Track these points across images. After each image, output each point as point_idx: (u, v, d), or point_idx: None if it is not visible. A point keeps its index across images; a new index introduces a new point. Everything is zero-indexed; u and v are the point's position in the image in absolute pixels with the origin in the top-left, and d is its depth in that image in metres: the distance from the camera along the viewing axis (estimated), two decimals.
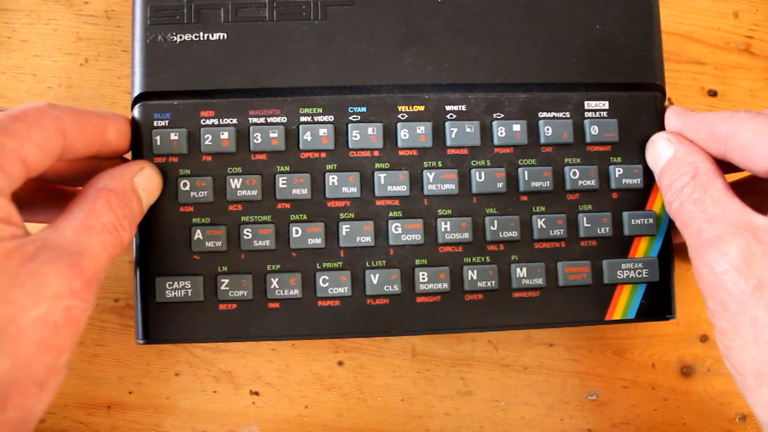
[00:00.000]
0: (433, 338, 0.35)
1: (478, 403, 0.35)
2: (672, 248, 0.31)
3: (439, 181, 0.29)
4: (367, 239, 0.29)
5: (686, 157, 0.27)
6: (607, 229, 0.30)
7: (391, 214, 0.29)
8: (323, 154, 0.29)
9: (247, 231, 0.29)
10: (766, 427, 0.24)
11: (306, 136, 0.29)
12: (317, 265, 0.29)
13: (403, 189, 0.29)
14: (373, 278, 0.29)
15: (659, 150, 0.29)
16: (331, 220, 0.29)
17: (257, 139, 0.29)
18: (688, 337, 0.36)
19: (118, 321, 0.34)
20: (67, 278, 0.22)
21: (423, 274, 0.29)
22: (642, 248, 0.30)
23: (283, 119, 0.29)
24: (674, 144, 0.28)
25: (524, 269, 0.29)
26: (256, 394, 0.34)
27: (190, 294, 0.28)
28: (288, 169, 0.29)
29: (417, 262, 0.29)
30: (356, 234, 0.29)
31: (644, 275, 0.30)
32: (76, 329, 0.22)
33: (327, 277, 0.29)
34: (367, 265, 0.29)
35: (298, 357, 0.34)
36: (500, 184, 0.30)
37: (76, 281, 0.22)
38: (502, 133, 0.30)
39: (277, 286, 0.29)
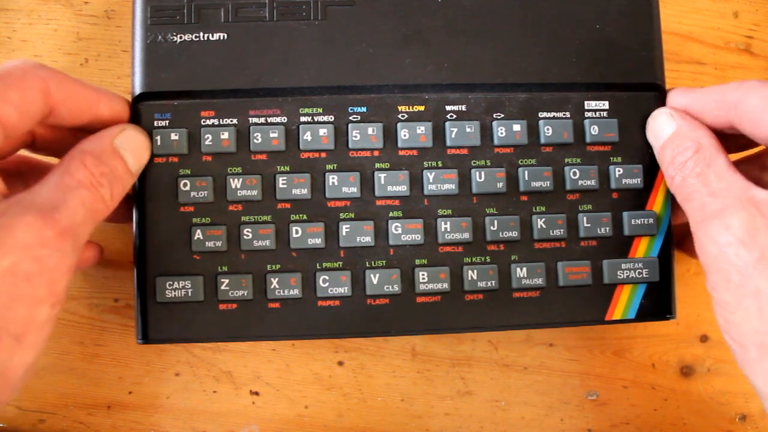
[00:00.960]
0: (433, 338, 0.35)
1: (478, 403, 0.35)
2: (672, 248, 0.31)
3: (439, 181, 0.29)
4: (367, 239, 0.29)
5: (689, 132, 0.27)
6: (607, 229, 0.30)
7: (391, 214, 0.29)
8: (323, 154, 0.29)
9: (247, 231, 0.29)
10: (767, 399, 0.24)
11: (306, 136, 0.29)
12: (317, 265, 0.29)
13: (403, 189, 0.29)
14: (373, 278, 0.29)
15: (661, 125, 0.29)
16: (331, 220, 0.29)
17: (257, 139, 0.29)
18: (688, 337, 0.36)
19: (118, 321, 0.34)
20: (36, 229, 0.22)
21: (423, 274, 0.29)
22: (642, 248, 0.30)
23: (283, 119, 0.29)
24: (676, 119, 0.28)
25: (524, 269, 0.29)
26: (256, 394, 0.34)
27: (190, 294, 0.28)
28: (288, 169, 0.29)
29: (417, 262, 0.29)
30: (356, 234, 0.29)
31: (644, 275, 0.30)
32: (52, 279, 0.22)
33: (327, 277, 0.29)
34: (367, 265, 0.29)
35: (298, 357, 0.34)
36: (500, 184, 0.30)
37: (47, 231, 0.22)
38: (502, 133, 0.30)
39: (277, 286, 0.29)
